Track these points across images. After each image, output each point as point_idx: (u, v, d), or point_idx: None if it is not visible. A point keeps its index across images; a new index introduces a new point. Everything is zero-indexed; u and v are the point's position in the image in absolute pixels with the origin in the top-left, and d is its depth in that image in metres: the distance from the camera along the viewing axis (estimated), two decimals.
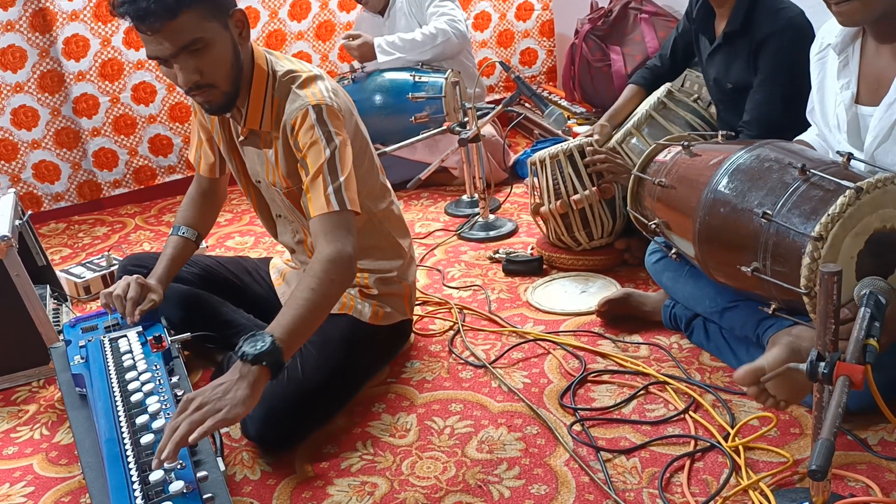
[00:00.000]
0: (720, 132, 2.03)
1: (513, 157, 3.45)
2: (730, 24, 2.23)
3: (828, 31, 1.74)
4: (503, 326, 2.22)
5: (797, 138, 1.93)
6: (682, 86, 2.66)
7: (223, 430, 1.83)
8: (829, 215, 1.43)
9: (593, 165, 2.41)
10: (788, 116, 2.17)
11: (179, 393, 1.57)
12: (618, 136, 2.53)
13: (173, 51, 1.60)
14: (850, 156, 1.54)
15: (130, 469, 1.34)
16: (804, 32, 2.15)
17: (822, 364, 1.16)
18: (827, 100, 1.74)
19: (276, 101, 1.76)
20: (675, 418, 1.75)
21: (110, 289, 1.88)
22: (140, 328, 1.83)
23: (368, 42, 3.32)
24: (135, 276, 1.89)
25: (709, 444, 1.64)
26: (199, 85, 1.65)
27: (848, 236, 1.43)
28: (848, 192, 1.42)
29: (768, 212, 1.54)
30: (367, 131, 1.95)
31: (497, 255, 2.63)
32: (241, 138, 1.85)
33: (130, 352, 1.73)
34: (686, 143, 1.93)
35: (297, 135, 1.71)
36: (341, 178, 1.68)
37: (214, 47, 1.63)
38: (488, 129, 3.25)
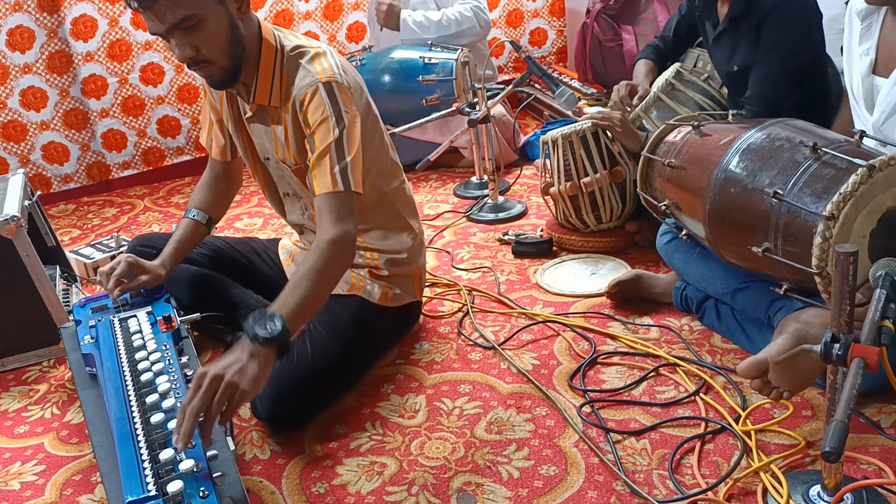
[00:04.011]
0: (731, 112, 2.00)
1: (523, 139, 3.42)
2: (733, 8, 2.20)
3: None
4: (512, 308, 2.21)
5: None
6: (696, 66, 2.63)
7: None
8: (840, 194, 1.41)
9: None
10: (793, 92, 2.15)
11: (189, 373, 1.57)
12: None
13: (167, 27, 1.59)
14: (862, 133, 1.52)
15: (141, 448, 1.35)
16: (806, 6, 2.13)
17: (837, 346, 1.14)
18: (853, 66, 1.71)
19: (285, 77, 1.75)
20: (685, 400, 1.74)
21: (104, 266, 1.88)
22: (149, 308, 1.83)
23: (396, 10, 3.32)
24: (128, 255, 1.89)
25: (719, 426, 1.64)
26: (196, 60, 1.65)
27: (860, 215, 1.41)
28: (860, 170, 1.41)
29: (779, 191, 1.52)
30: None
31: (506, 237, 2.62)
32: (249, 115, 1.84)
33: (140, 332, 1.73)
34: (696, 123, 1.91)
35: (307, 111, 1.70)
36: (348, 159, 1.68)
37: (208, 23, 1.61)
38: (498, 110, 3.23)
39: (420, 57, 3.20)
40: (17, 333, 2.14)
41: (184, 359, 1.65)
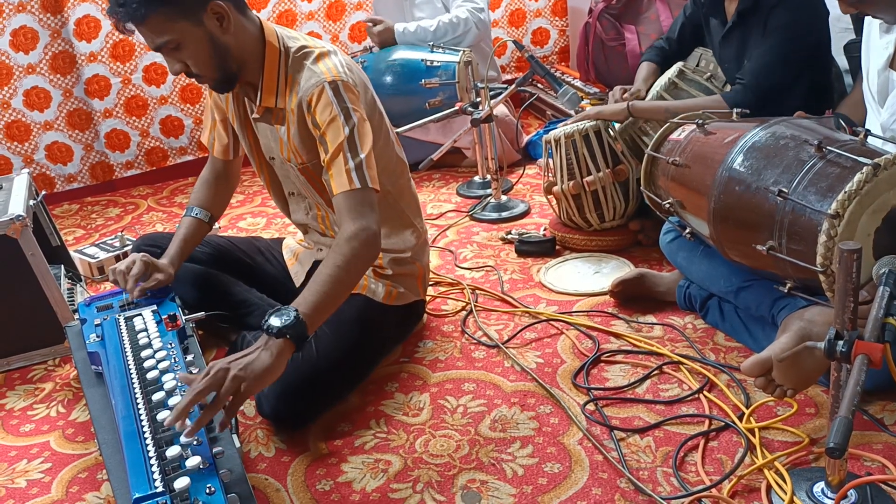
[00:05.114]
0: (735, 110, 2.01)
1: (525, 138, 3.43)
2: (743, 2, 2.21)
3: None
4: (516, 307, 2.22)
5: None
6: (699, 65, 2.63)
7: None
8: (845, 192, 1.41)
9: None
10: (789, 81, 2.15)
11: (194, 371, 1.58)
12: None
13: (154, 47, 1.68)
14: (867, 132, 1.53)
15: (147, 445, 1.35)
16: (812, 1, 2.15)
17: (841, 342, 1.15)
18: (871, 58, 1.71)
19: (290, 77, 1.76)
20: (689, 398, 1.75)
21: (118, 264, 1.89)
22: (154, 307, 1.84)
23: (390, 28, 3.32)
24: (142, 254, 1.90)
25: (723, 423, 1.64)
26: (187, 73, 1.72)
27: (865, 213, 1.42)
28: (865, 168, 1.41)
29: (784, 190, 1.52)
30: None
31: (509, 236, 2.63)
32: (256, 116, 1.85)
33: (145, 330, 1.74)
34: (700, 122, 1.91)
35: (315, 112, 1.71)
36: (362, 156, 1.69)
37: (188, 45, 1.67)
38: (501, 109, 3.23)
39: (422, 59, 3.15)
40: (23, 332, 2.14)
41: (189, 357, 1.65)
